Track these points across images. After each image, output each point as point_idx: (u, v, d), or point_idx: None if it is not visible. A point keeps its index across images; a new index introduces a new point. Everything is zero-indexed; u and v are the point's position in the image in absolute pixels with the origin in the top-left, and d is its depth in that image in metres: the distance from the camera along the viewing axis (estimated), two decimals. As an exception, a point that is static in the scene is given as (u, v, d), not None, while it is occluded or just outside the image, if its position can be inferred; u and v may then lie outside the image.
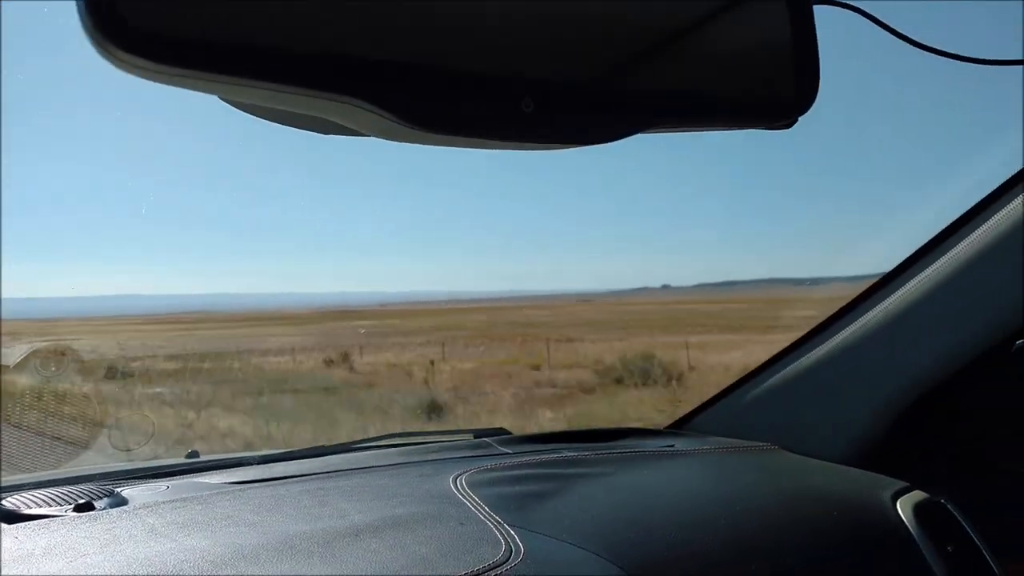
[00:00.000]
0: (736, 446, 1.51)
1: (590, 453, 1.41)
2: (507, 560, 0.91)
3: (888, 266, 1.48)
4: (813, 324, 1.56)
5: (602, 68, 0.56)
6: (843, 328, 1.50)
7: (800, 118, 0.68)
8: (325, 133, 0.61)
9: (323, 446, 1.48)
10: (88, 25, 0.41)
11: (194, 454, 1.46)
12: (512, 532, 0.99)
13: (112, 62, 0.42)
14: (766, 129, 0.69)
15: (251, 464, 1.35)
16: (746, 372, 1.67)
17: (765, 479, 1.34)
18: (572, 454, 1.40)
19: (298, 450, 1.43)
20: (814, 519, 1.16)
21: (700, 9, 0.61)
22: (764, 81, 0.65)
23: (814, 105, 0.67)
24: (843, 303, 1.54)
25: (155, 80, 0.45)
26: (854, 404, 1.44)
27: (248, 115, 0.57)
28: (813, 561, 1.09)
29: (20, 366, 1.82)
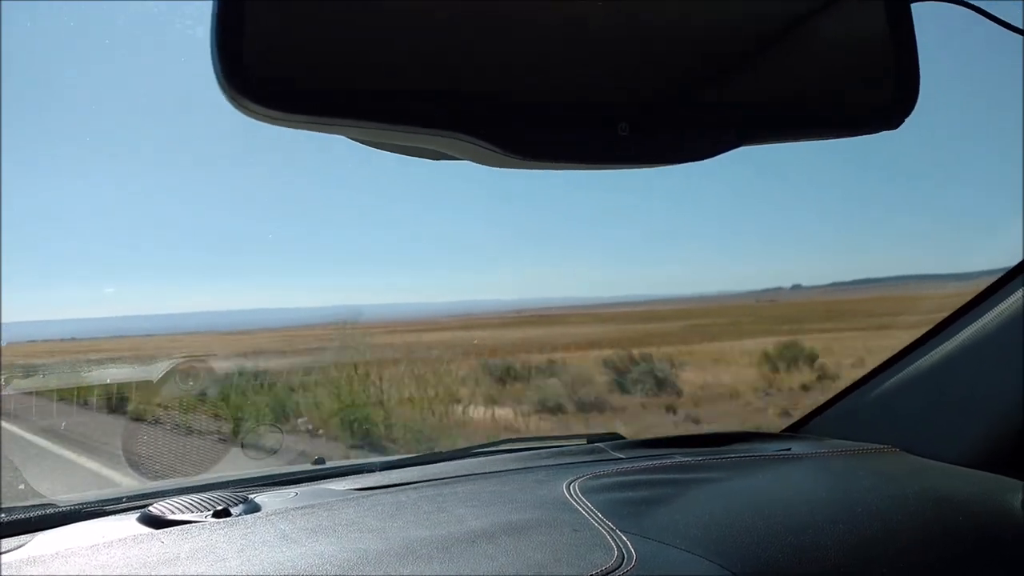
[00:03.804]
0: (856, 448, 1.47)
1: (703, 458, 1.40)
2: (620, 566, 0.93)
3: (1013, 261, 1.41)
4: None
5: (693, 87, 0.57)
6: (965, 327, 1.44)
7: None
8: (436, 159, 0.65)
9: (441, 452, 1.53)
10: (223, 81, 0.45)
11: (320, 460, 1.53)
12: (624, 538, 1.00)
13: (245, 113, 0.47)
14: (869, 134, 0.68)
15: (373, 470, 1.41)
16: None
17: (886, 482, 1.31)
18: (685, 459, 1.40)
19: (417, 456, 1.48)
20: (938, 522, 1.13)
21: (791, 15, 0.61)
22: (863, 86, 0.64)
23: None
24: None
25: (284, 126, 0.49)
26: (978, 405, 1.38)
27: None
28: (937, 565, 1.06)
29: (162, 380, 1.95)
